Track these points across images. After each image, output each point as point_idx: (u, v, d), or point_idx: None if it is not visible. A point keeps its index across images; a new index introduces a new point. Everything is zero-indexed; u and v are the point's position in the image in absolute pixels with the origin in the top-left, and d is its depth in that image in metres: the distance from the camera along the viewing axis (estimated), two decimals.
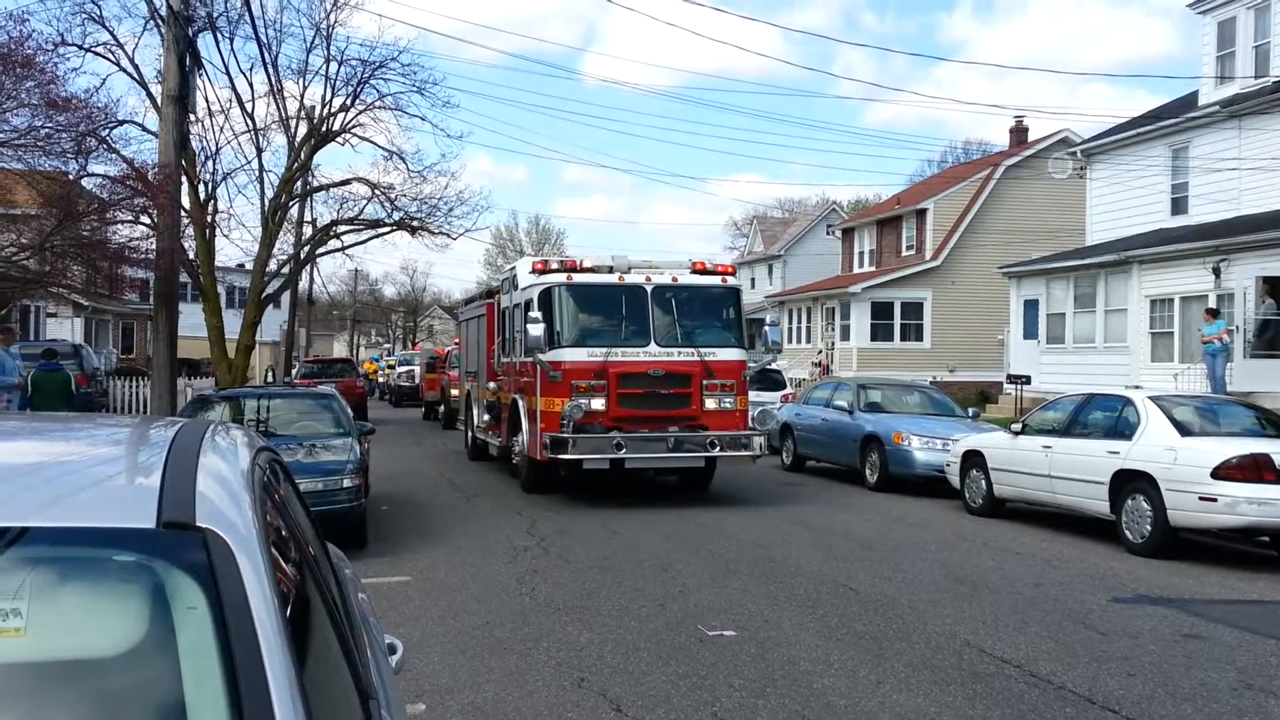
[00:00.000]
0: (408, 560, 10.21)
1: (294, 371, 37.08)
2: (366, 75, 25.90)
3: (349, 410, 13.33)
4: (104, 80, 34.98)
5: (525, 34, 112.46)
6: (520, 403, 15.08)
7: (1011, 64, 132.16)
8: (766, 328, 15.61)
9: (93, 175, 18.96)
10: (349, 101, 26.29)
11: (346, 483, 10.40)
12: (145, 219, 18.79)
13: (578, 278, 14.23)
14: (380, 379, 55.61)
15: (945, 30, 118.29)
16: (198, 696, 1.52)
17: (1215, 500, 10.27)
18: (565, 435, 13.32)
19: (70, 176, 18.44)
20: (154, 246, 18.19)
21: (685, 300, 14.47)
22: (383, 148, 27.93)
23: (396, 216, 27.69)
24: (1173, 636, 7.61)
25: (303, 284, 40.58)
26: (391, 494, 14.77)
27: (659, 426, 13.83)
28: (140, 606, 1.63)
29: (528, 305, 14.52)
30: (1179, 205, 24.84)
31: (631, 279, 14.26)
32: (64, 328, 35.47)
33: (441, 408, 30.37)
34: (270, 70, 25.55)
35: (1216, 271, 21.50)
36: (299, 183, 27.68)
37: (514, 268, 16.34)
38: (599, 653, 7.01)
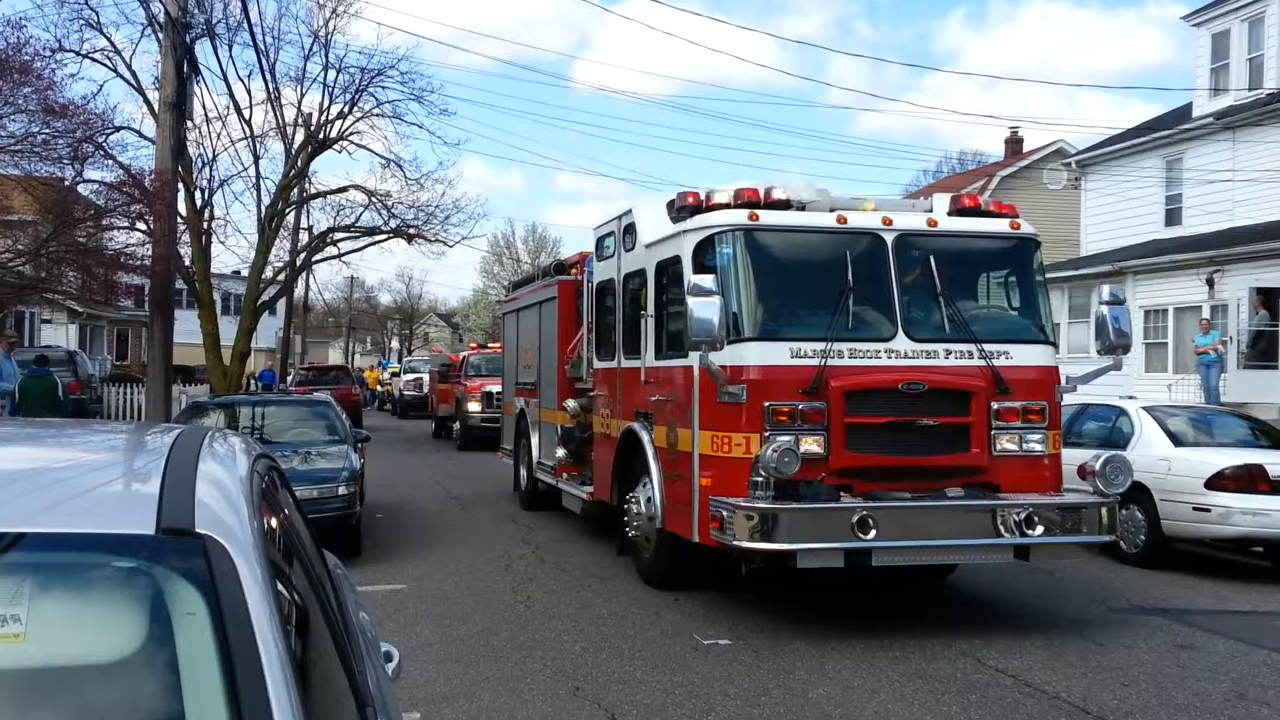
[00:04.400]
0: (403, 568, 10.20)
1: (289, 378, 37.00)
2: (364, 83, 26.01)
3: (345, 418, 13.32)
4: (101, 86, 35.25)
5: (519, 41, 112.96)
6: (644, 436, 9.38)
7: (1005, 74, 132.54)
8: (1104, 308, 8.83)
9: (89, 181, 19.02)
10: (347, 109, 26.41)
11: (342, 490, 10.40)
12: (141, 225, 18.81)
13: (767, 217, 8.36)
14: (380, 388, 51.03)
15: (938, 39, 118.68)
16: (196, 702, 1.52)
17: (1209, 510, 10.30)
18: (761, 505, 7.38)
19: (66, 183, 18.45)
20: (150, 253, 18.18)
21: (951, 259, 8.59)
22: (380, 155, 28.02)
23: (393, 224, 27.73)
24: (1166, 647, 7.62)
25: (298, 291, 40.59)
26: (386, 502, 14.74)
27: (924, 486, 8.03)
28: (139, 612, 1.63)
29: (663, 272, 9.21)
30: (1173, 216, 24.94)
31: (860, 221, 8.49)
32: (58, 334, 35.42)
33: (456, 424, 25.60)
34: (268, 77, 25.61)
35: (1210, 282, 21.57)
36: (296, 190, 27.72)
37: (628, 212, 10.23)
38: (594, 661, 7.01)
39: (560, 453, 12.28)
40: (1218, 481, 10.29)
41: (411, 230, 27.84)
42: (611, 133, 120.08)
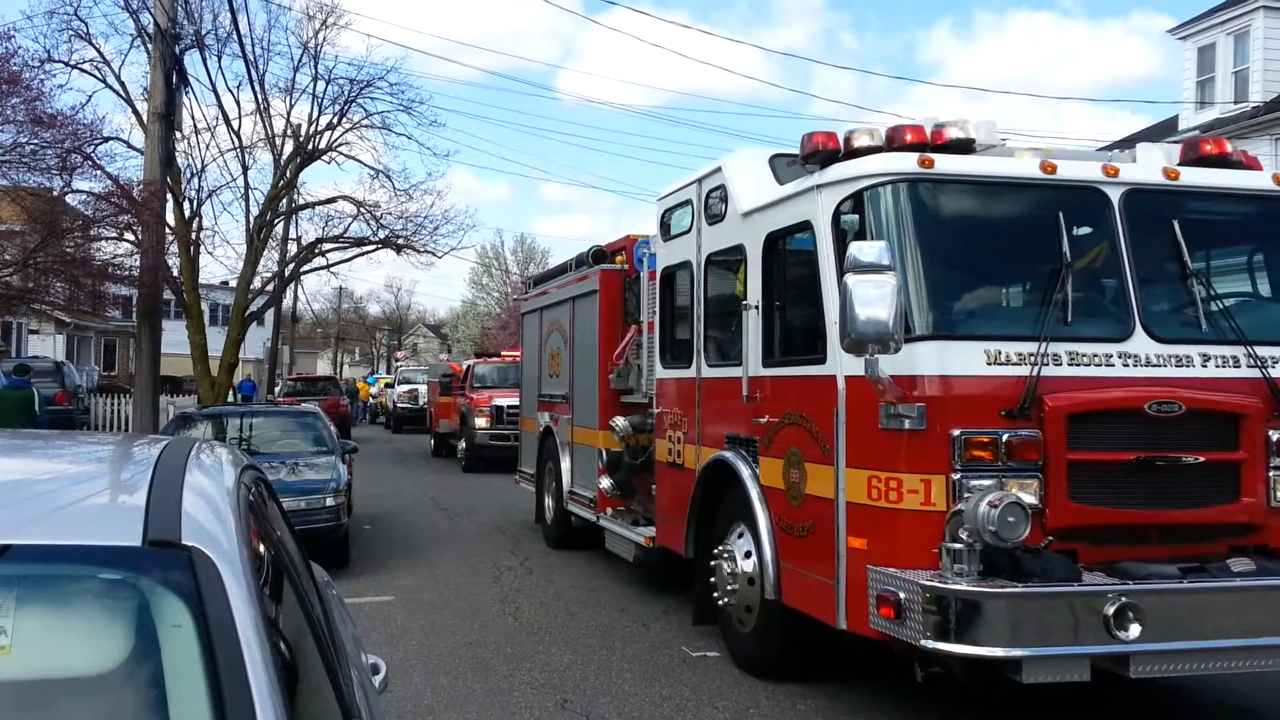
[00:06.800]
0: (391, 580, 10.17)
1: (278, 389, 36.88)
2: (354, 94, 25.98)
3: (333, 428, 13.29)
4: (90, 97, 34.97)
5: (507, 52, 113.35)
6: (743, 470, 7.02)
7: (991, 86, 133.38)
8: None
9: (77, 192, 18.95)
10: (336, 120, 26.35)
11: (329, 501, 10.37)
12: (129, 236, 18.74)
13: (945, 163, 5.86)
14: (373, 400, 49.15)
15: (924, 50, 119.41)
16: (181, 715, 1.52)
17: None
18: (966, 587, 4.99)
19: (55, 193, 18.40)
20: (138, 263, 18.13)
21: (1200, 227, 6.24)
22: (369, 166, 28.01)
23: (382, 234, 27.68)
24: None
25: (287, 302, 40.51)
26: (374, 513, 14.70)
27: (1177, 551, 5.58)
28: (126, 624, 1.63)
29: (777, 245, 6.80)
30: None
31: (1074, 170, 6.01)
32: (46, 344, 35.33)
33: (461, 443, 22.77)
34: (257, 88, 25.61)
35: None
36: (284, 200, 27.67)
37: (716, 171, 7.74)
38: (582, 673, 7.00)
39: (604, 483, 10.13)
40: None
41: (400, 241, 27.82)
42: (598, 143, 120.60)
